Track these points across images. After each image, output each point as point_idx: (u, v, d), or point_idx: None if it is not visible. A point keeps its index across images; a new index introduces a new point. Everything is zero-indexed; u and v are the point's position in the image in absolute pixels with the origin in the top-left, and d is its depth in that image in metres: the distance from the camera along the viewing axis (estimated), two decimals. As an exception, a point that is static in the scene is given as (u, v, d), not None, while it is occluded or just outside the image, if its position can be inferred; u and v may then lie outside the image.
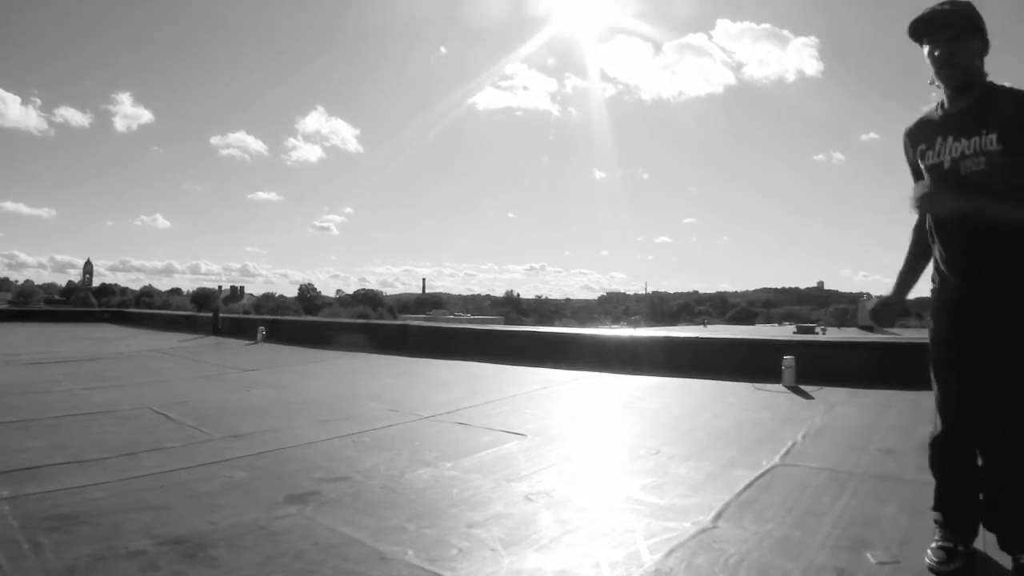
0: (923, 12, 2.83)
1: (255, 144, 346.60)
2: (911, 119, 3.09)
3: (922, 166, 2.92)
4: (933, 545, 3.01)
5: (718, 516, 3.58)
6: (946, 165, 2.82)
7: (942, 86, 2.88)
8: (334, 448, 5.07)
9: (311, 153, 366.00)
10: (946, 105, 2.89)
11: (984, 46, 2.83)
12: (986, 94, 2.79)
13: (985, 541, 3.02)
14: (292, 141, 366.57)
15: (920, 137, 2.95)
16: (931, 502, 3.16)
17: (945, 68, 2.80)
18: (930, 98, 2.98)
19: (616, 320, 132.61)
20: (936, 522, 3.10)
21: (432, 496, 3.93)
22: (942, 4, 2.81)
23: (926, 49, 2.85)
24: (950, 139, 2.81)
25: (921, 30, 2.85)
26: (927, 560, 2.96)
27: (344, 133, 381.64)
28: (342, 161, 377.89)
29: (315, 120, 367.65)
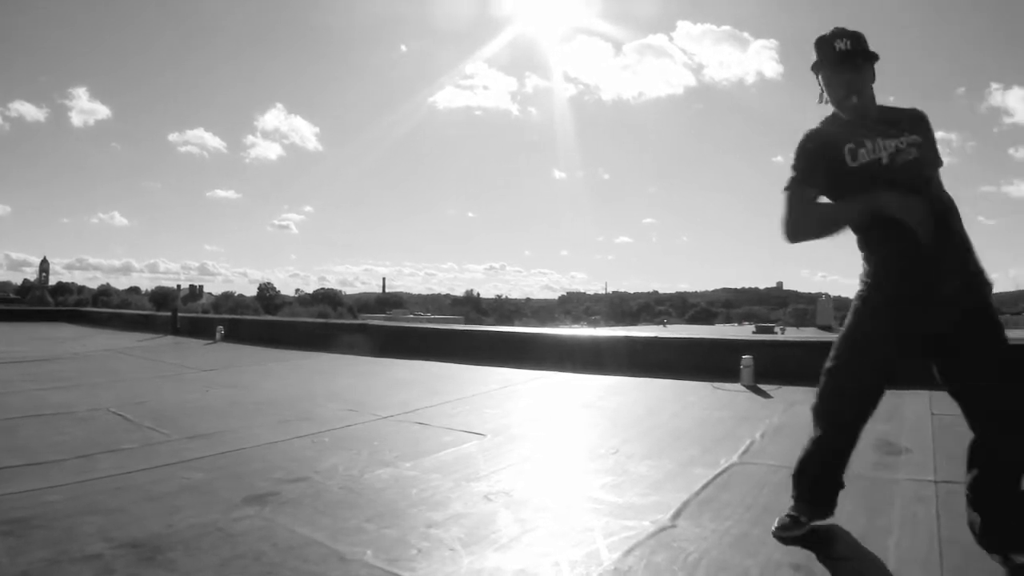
0: (828, 42, 3.11)
1: (214, 141, 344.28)
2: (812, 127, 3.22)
3: (851, 164, 3.00)
4: (783, 513, 3.37)
5: (677, 514, 3.62)
6: (884, 160, 2.97)
7: (837, 109, 3.13)
8: (293, 448, 5.05)
9: (270, 151, 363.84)
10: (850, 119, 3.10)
11: (874, 74, 3.10)
12: (885, 112, 3.13)
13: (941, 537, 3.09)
14: (251, 139, 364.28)
15: (845, 138, 3.05)
16: (883, 498, 3.28)
17: (851, 97, 3.05)
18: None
19: (576, 320, 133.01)
20: (792, 495, 3.42)
21: (391, 496, 3.93)
22: (840, 38, 3.07)
23: (823, 76, 3.14)
24: (879, 139, 2.99)
25: (839, 61, 3.07)
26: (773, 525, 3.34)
27: (304, 131, 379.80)
28: (302, 159, 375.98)
29: (274, 117, 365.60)
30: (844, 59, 3.05)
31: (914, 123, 3.07)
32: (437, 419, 6.23)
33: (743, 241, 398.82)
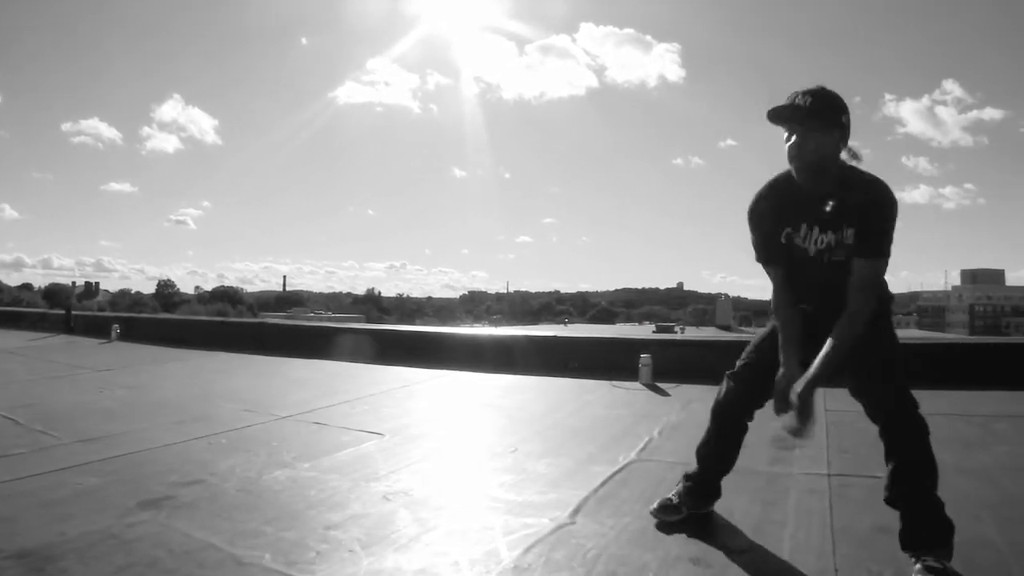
0: (782, 103, 2.96)
1: (108, 132, 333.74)
2: (763, 181, 3.24)
3: (782, 242, 3.15)
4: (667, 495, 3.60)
5: (576, 511, 3.70)
6: (811, 253, 3.08)
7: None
8: (189, 450, 4.99)
9: (167, 143, 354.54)
10: (801, 186, 3.02)
11: (843, 135, 2.97)
12: (842, 184, 2.98)
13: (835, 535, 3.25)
14: (147, 130, 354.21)
15: (786, 219, 3.11)
16: (778, 491, 3.48)
17: (795, 160, 2.96)
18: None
19: (478, 319, 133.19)
20: (681, 482, 3.63)
21: (289, 498, 3.93)
22: (803, 94, 2.94)
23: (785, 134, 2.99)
24: (816, 229, 3.05)
25: (774, 118, 2.97)
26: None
27: (202, 123, 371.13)
28: (199, 152, 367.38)
29: (172, 108, 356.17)
30: (774, 118, 2.98)
31: (862, 210, 2.93)
32: (336, 419, 6.23)
33: (644, 242, 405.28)
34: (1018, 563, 3.02)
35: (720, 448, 3.60)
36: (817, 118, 2.90)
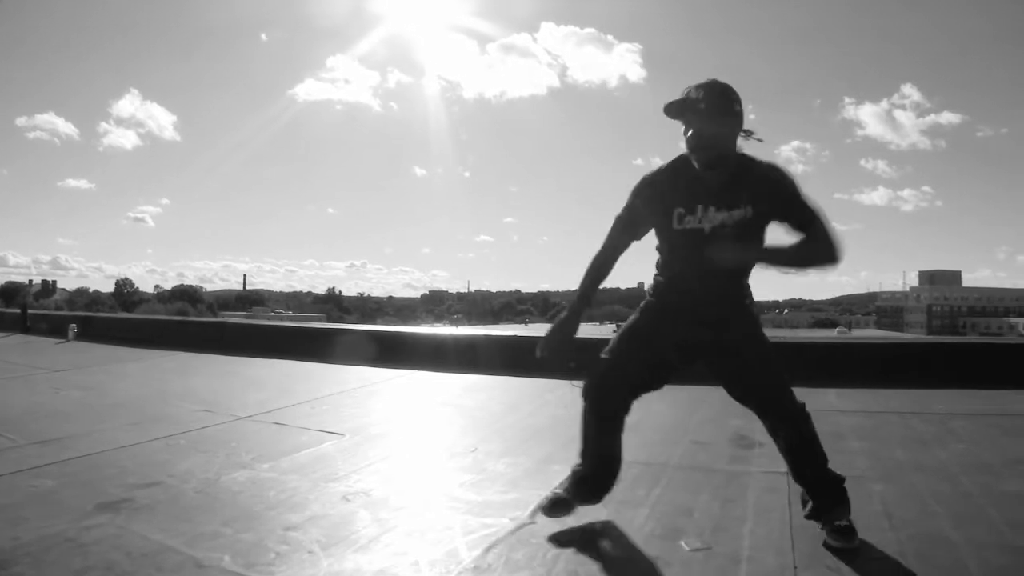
0: (678, 96, 3.15)
1: (65, 127, 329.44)
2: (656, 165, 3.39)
3: (675, 227, 3.24)
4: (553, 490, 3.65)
5: (536, 511, 3.71)
6: (706, 231, 3.17)
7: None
8: (147, 452, 4.96)
9: (125, 139, 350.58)
10: (699, 172, 3.18)
11: (737, 123, 3.16)
12: (740, 169, 3.19)
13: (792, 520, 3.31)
14: (105, 125, 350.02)
15: (677, 201, 3.22)
16: (737, 489, 3.55)
17: (695, 151, 3.13)
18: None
19: (438, 318, 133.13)
20: (570, 476, 3.67)
21: (248, 499, 3.93)
22: (696, 88, 3.13)
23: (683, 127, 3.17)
24: (711, 209, 3.17)
25: (672, 112, 3.16)
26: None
27: (161, 119, 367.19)
28: (158, 149, 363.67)
29: (129, 104, 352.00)
30: (673, 111, 3.17)
31: (759, 189, 3.14)
32: (295, 419, 6.21)
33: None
34: (974, 559, 3.07)
35: (600, 436, 3.67)
36: (712, 109, 3.07)
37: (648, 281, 3.63)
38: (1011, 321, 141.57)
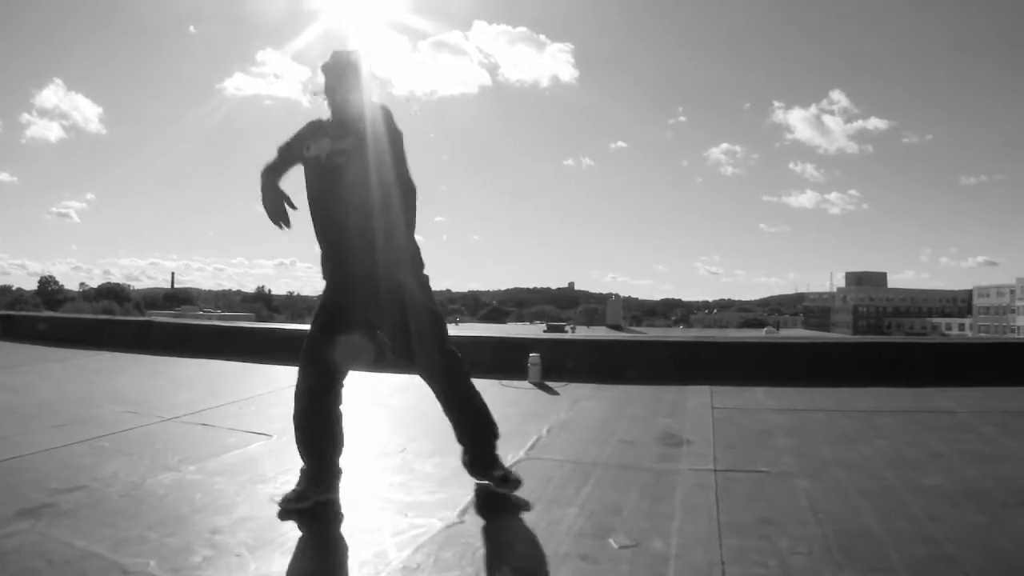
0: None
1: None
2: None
3: (306, 155, 4.02)
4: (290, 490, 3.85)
5: (464, 511, 3.79)
6: (323, 159, 3.94)
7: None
8: (70, 455, 4.88)
9: (49, 131, 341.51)
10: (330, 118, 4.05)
11: (357, 80, 3.96)
12: (350, 113, 3.95)
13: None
14: (27, 117, 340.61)
15: (310, 134, 4.05)
16: (666, 487, 3.70)
17: (328, 104, 4.03)
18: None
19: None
20: (302, 472, 3.94)
21: (174, 502, 3.91)
22: (333, 55, 4.00)
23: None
24: (324, 139, 3.96)
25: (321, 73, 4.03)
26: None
27: (86, 111, 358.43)
28: (83, 142, 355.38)
29: (53, 94, 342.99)
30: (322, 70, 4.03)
31: (357, 127, 3.89)
32: (223, 420, 6.17)
33: (535, 241, 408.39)
34: (896, 551, 3.21)
35: (313, 428, 4.03)
36: (337, 72, 3.99)
37: (578, 281, 3.91)
38: (934, 321, 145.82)
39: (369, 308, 3.94)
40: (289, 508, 3.69)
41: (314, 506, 3.81)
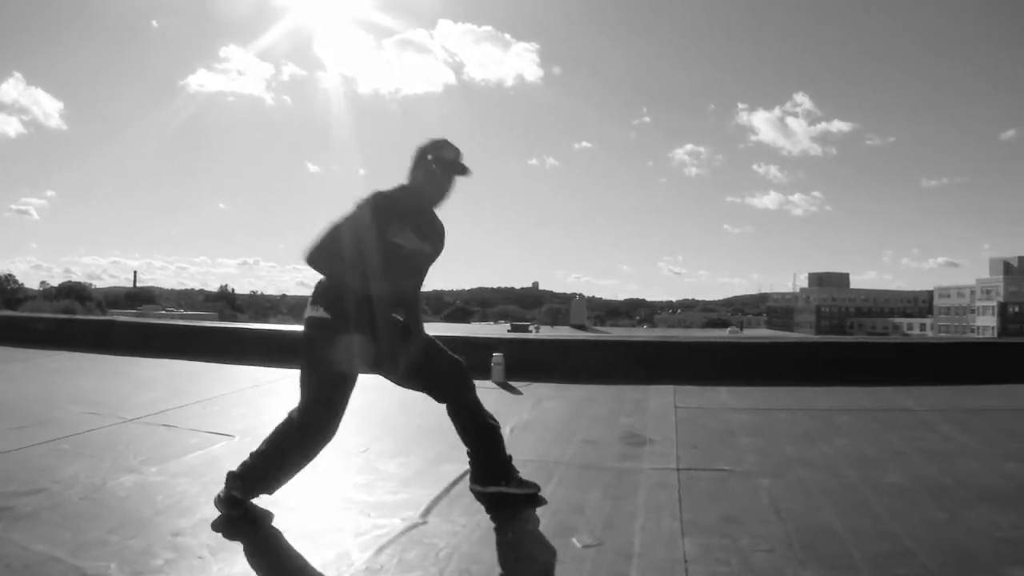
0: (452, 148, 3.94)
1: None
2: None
3: (411, 237, 3.84)
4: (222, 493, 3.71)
5: (428, 511, 3.81)
6: (425, 253, 3.99)
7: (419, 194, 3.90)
8: (30, 457, 4.83)
9: (8, 126, 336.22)
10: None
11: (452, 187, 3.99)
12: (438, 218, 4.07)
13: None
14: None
15: (411, 209, 3.87)
16: (629, 486, 3.81)
17: (429, 182, 3.90)
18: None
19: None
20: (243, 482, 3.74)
21: (136, 504, 3.89)
22: (456, 149, 3.96)
23: (439, 169, 3.89)
24: (439, 244, 4.12)
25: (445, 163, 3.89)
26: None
27: (46, 106, 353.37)
28: (43, 138, 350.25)
29: (12, 88, 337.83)
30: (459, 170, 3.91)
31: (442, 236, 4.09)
32: (185, 420, 6.14)
33: (499, 241, 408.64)
34: (858, 548, 3.27)
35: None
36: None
37: (542, 281, 3.96)
38: (896, 321, 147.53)
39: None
40: (224, 512, 3.67)
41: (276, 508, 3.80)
